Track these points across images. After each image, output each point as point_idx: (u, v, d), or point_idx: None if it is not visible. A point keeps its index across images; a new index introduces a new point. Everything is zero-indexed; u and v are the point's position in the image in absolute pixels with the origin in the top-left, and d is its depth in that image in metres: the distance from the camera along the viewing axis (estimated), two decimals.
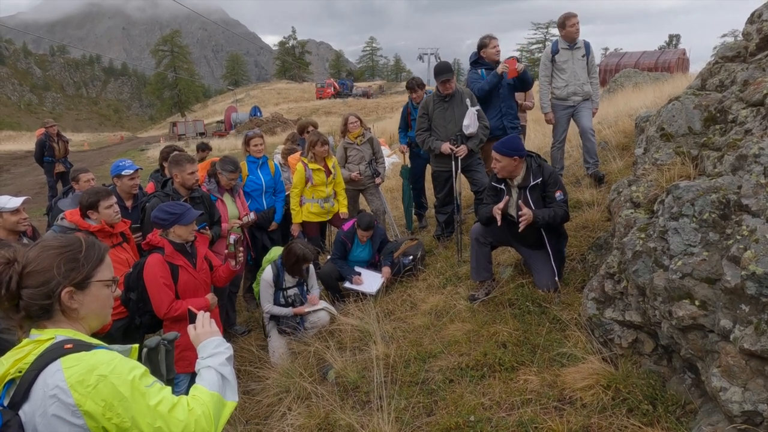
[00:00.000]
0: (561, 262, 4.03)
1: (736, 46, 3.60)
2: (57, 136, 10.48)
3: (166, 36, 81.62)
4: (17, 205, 3.51)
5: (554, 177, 3.92)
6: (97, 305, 1.41)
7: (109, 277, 1.44)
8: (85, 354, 1.24)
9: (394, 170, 11.92)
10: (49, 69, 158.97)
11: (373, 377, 3.28)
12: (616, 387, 2.69)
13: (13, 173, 20.43)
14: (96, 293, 1.40)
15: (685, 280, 2.37)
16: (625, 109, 9.13)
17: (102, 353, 1.26)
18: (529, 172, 3.92)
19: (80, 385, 1.18)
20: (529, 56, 72.30)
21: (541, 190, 3.90)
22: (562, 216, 3.84)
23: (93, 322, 1.43)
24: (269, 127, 32.61)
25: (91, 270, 1.39)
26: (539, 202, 3.90)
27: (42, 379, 1.19)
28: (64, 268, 1.33)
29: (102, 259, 1.43)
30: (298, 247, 4.44)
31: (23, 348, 1.27)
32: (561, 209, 3.83)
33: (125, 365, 1.26)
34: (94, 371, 1.20)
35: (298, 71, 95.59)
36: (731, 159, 2.59)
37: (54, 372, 1.20)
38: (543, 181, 3.88)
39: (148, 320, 3.62)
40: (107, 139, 49.26)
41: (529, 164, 3.94)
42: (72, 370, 1.20)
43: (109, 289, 1.44)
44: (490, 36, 5.89)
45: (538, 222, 3.76)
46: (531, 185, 3.89)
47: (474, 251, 4.20)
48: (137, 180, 4.76)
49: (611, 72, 22.61)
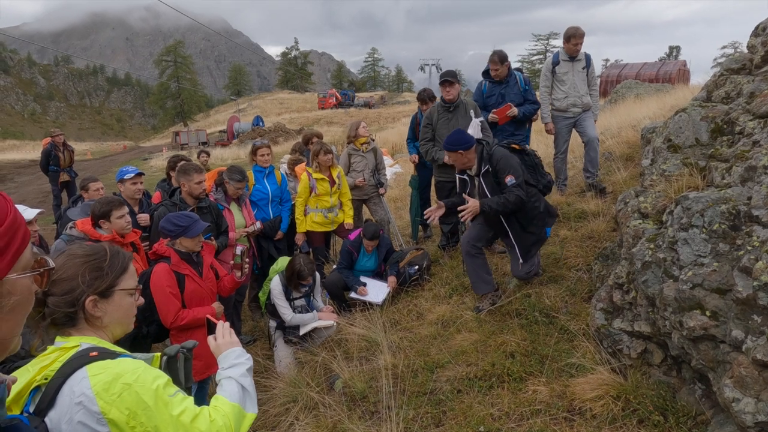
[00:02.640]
0: (532, 246, 3.99)
1: (741, 58, 3.64)
2: (63, 145, 10.52)
3: (170, 46, 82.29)
4: (32, 217, 3.52)
5: (503, 162, 3.87)
6: (120, 313, 1.43)
7: (132, 286, 1.45)
8: (111, 362, 1.25)
9: (398, 180, 11.97)
10: (53, 78, 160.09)
11: (381, 387, 3.27)
12: (626, 398, 2.69)
13: (17, 182, 20.50)
14: (119, 302, 1.42)
15: (695, 291, 2.37)
16: (628, 119, 9.16)
17: (127, 362, 1.27)
18: (481, 160, 3.94)
19: (105, 392, 1.19)
20: (529, 67, 72.76)
21: (493, 177, 3.89)
22: (514, 201, 3.77)
23: (116, 329, 1.45)
24: (272, 136, 32.72)
25: (114, 279, 1.40)
26: (495, 189, 3.87)
27: (68, 387, 1.20)
28: (89, 277, 1.35)
29: (126, 268, 1.45)
30: (298, 263, 4.44)
31: (49, 355, 1.28)
32: (511, 194, 3.76)
33: (149, 374, 1.27)
34: (119, 379, 1.21)
35: (300, 81, 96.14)
36: (740, 170, 2.61)
37: (80, 379, 1.21)
38: (493, 169, 3.87)
39: (155, 329, 3.62)
40: (110, 148, 49.49)
41: (480, 152, 3.95)
42: (97, 377, 1.21)
43: (132, 298, 1.46)
44: (498, 55, 5.82)
45: (485, 211, 3.76)
46: (482, 173, 3.90)
47: (468, 266, 4.24)
48: (140, 184, 4.79)
49: (612, 83, 22.75)
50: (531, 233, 3.99)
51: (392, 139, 21.58)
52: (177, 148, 34.73)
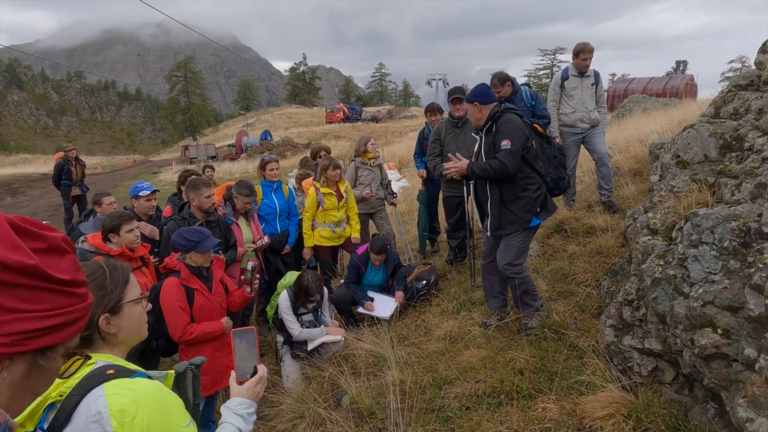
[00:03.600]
0: (506, 225, 3.77)
1: (749, 74, 3.64)
2: (75, 159, 10.68)
3: (180, 62, 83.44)
4: None
5: (507, 126, 3.71)
6: (132, 324, 1.45)
7: (138, 295, 1.47)
8: (128, 381, 1.25)
9: (404, 194, 11.99)
10: (66, 94, 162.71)
11: (389, 403, 3.25)
12: (637, 416, 2.65)
13: (29, 195, 20.76)
14: (129, 313, 1.44)
15: (706, 308, 2.35)
16: (636, 134, 9.15)
17: (144, 383, 1.27)
18: (489, 118, 3.82)
19: (121, 414, 1.19)
20: (536, 81, 73.14)
21: (493, 137, 3.77)
22: (496, 168, 3.59)
23: (131, 340, 1.47)
24: (280, 150, 32.98)
25: (120, 293, 1.42)
26: (490, 149, 3.75)
27: (85, 405, 1.20)
28: (96, 297, 1.36)
29: (127, 280, 1.46)
30: (306, 279, 4.45)
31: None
32: (496, 162, 3.60)
33: (166, 400, 1.27)
34: (135, 403, 1.21)
35: (308, 96, 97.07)
36: (750, 187, 2.60)
37: (97, 398, 1.21)
38: (496, 129, 3.74)
39: (164, 343, 3.63)
40: (120, 162, 50.08)
41: (492, 111, 3.82)
42: (114, 398, 1.21)
43: (140, 306, 1.48)
44: (498, 77, 5.80)
45: (473, 172, 3.66)
46: (485, 129, 3.80)
47: (483, 280, 4.25)
48: (154, 201, 4.87)
49: (619, 97, 22.76)
50: (511, 212, 3.76)
51: (399, 153, 21.67)
52: (186, 162, 35.08)
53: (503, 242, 3.86)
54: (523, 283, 3.84)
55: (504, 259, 3.79)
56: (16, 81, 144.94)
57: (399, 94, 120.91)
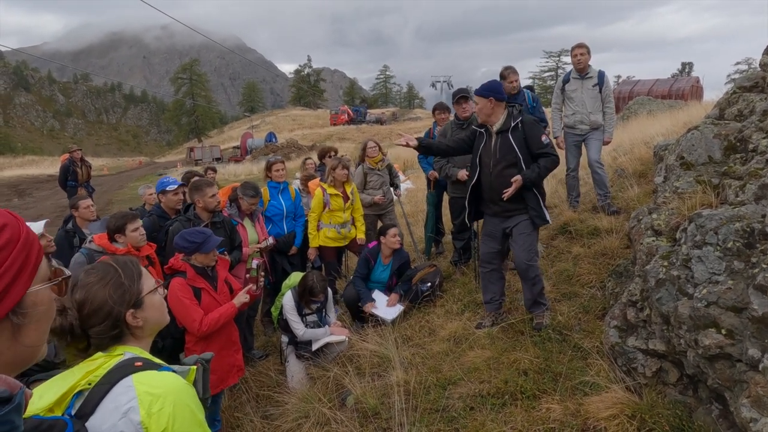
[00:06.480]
0: (541, 209, 3.92)
1: (754, 76, 3.64)
2: (81, 161, 10.75)
3: (186, 64, 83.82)
4: (40, 230, 3.56)
5: (535, 123, 3.93)
6: (155, 313, 1.48)
7: (154, 285, 1.50)
8: (157, 374, 1.28)
9: (409, 196, 11.99)
10: (72, 96, 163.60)
11: (393, 403, 3.27)
12: (642, 417, 2.65)
13: (35, 197, 20.91)
14: (151, 303, 1.47)
15: (710, 309, 2.36)
16: (641, 136, 9.14)
17: (172, 377, 1.30)
18: (509, 118, 3.93)
19: (149, 405, 1.22)
20: (541, 83, 73.08)
21: (522, 133, 3.88)
22: (551, 165, 3.85)
23: (156, 329, 1.51)
24: (284, 152, 33.10)
25: (138, 287, 1.45)
26: (522, 145, 3.86)
27: (113, 394, 1.23)
28: (116, 295, 1.40)
29: (140, 273, 1.49)
30: (310, 279, 4.47)
31: (95, 360, 1.32)
32: (548, 159, 3.83)
33: (191, 397, 1.30)
34: (163, 396, 1.23)
35: (312, 98, 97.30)
36: (754, 188, 2.61)
37: (126, 388, 1.23)
38: (523, 124, 3.87)
39: (170, 344, 3.67)
40: (126, 163, 50.34)
41: (510, 111, 3.95)
42: (143, 388, 1.23)
43: (158, 294, 1.51)
44: (511, 70, 5.94)
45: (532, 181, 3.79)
46: (512, 127, 3.88)
47: (481, 280, 4.30)
48: (182, 195, 4.93)
49: (624, 99, 22.67)
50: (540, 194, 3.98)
51: (404, 156, 21.69)
52: (191, 164, 35.23)
53: (519, 239, 3.94)
54: (540, 280, 3.99)
55: (526, 255, 3.89)
56: (24, 83, 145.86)
57: (403, 96, 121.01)
